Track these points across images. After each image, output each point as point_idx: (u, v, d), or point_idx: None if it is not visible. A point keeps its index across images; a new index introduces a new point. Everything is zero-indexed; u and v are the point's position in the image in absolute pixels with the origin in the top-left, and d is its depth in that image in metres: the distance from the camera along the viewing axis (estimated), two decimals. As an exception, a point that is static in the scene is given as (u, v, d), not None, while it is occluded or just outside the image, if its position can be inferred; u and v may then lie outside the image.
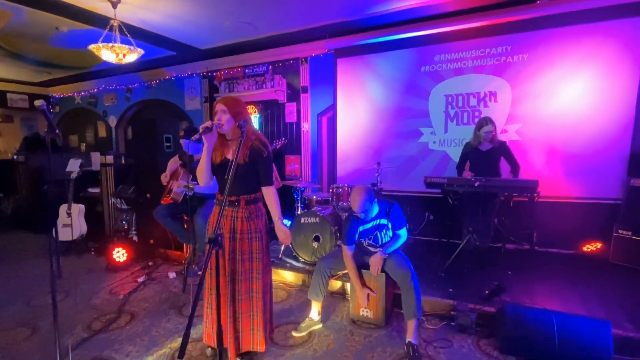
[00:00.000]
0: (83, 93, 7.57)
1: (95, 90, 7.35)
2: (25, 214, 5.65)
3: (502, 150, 3.42)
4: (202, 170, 1.90)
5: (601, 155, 3.65)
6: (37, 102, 1.70)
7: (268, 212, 2.05)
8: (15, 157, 5.88)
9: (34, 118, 8.06)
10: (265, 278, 2.04)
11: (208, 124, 1.76)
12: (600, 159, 3.66)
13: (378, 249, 2.59)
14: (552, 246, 3.86)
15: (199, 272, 3.20)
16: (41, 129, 8.11)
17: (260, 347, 2.02)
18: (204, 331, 2.11)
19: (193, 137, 1.69)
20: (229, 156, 1.93)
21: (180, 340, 2.44)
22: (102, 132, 7.74)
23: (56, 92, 7.95)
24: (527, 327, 2.14)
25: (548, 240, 3.84)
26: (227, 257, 1.89)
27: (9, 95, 7.45)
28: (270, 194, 1.97)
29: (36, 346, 2.43)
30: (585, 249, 3.71)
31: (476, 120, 3.65)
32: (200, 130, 1.73)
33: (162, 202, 3.37)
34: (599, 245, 3.66)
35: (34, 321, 2.77)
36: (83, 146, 8.16)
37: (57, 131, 1.78)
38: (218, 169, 1.93)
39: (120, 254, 3.84)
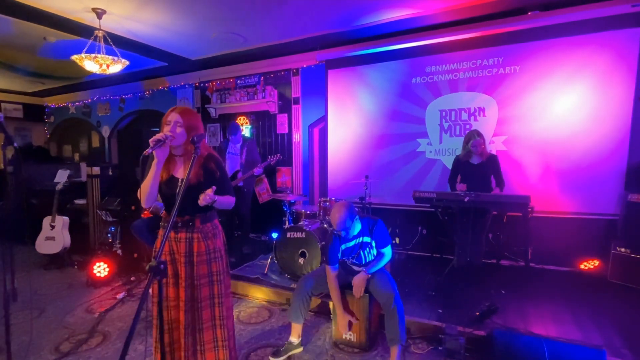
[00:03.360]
0: (77, 103, 7.56)
1: (89, 100, 7.33)
2: (11, 225, 5.54)
3: (492, 164, 3.33)
4: (147, 189, 1.65)
5: (597, 170, 3.54)
6: (-6, 114, 1.62)
7: (225, 229, 1.93)
8: (4, 167, 5.80)
9: (28, 128, 8.04)
10: (227, 301, 1.87)
11: (160, 136, 1.56)
12: (596, 173, 3.55)
13: (362, 268, 2.47)
14: (548, 263, 3.72)
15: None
16: (35, 139, 8.08)
17: None
18: None
19: (145, 152, 1.50)
20: (177, 174, 1.75)
21: (150, 364, 2.33)
22: (96, 143, 7.70)
23: (51, 102, 7.94)
24: (517, 355, 2.00)
25: (544, 256, 3.70)
26: (184, 284, 1.72)
27: (3, 105, 7.45)
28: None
29: (-1, 370, 2.30)
30: (582, 266, 3.57)
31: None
32: (152, 144, 1.53)
33: (142, 215, 3.27)
34: (596, 262, 3.52)
35: (0, 341, 2.63)
36: (77, 156, 8.11)
37: (14, 144, 1.69)
38: (165, 188, 1.74)
39: (101, 269, 3.72)
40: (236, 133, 4.30)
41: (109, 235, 4.42)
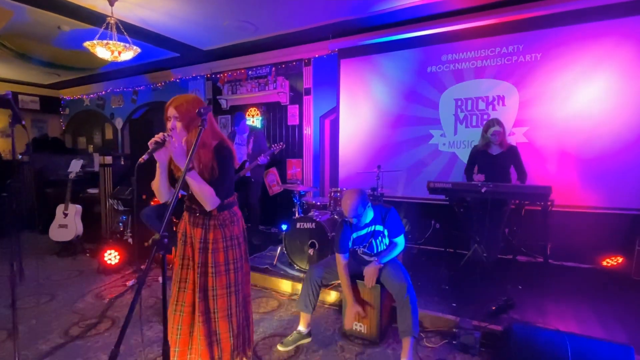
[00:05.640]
0: (92, 95, 7.66)
1: (103, 92, 7.42)
2: (27, 213, 5.65)
3: (512, 155, 3.19)
4: (157, 189, 1.65)
5: (621, 162, 3.37)
6: (2, 91, 1.60)
7: (246, 217, 1.85)
8: (20, 157, 5.91)
9: (44, 120, 8.18)
10: (246, 289, 1.84)
11: (159, 137, 1.44)
12: (620, 166, 3.38)
13: (373, 258, 2.39)
14: (568, 259, 3.57)
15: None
16: (50, 130, 8.23)
17: None
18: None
19: (140, 159, 1.39)
20: (190, 164, 1.61)
21: (157, 350, 2.30)
22: (109, 134, 7.79)
23: (66, 94, 8.06)
24: (537, 350, 1.90)
25: (563, 253, 3.55)
26: (199, 271, 1.67)
27: (20, 97, 7.60)
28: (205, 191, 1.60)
29: (9, 351, 2.30)
30: (604, 263, 3.41)
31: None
32: (150, 147, 1.42)
33: (152, 203, 3.25)
34: (620, 259, 3.36)
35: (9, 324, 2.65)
36: (91, 148, 8.22)
37: (22, 122, 1.67)
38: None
39: (112, 256, 3.73)
40: (239, 123, 4.24)
41: (120, 224, 4.44)
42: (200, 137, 1.53)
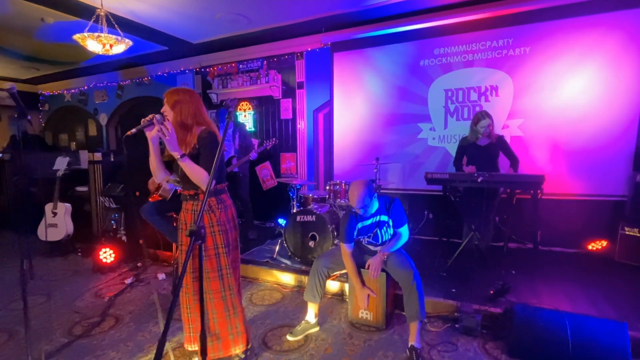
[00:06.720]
0: (73, 90, 7.38)
1: (85, 87, 7.16)
2: (10, 213, 5.44)
3: (500, 145, 3.31)
4: (151, 166, 1.86)
5: (606, 151, 3.55)
6: (7, 85, 1.56)
7: (240, 212, 1.96)
8: (1, 155, 5.67)
9: (22, 116, 7.84)
10: (236, 273, 1.93)
11: (149, 117, 1.63)
12: (604, 155, 3.55)
13: (378, 248, 2.45)
14: (556, 245, 3.74)
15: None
16: (29, 126, 7.90)
17: (241, 348, 1.94)
18: (186, 335, 1.97)
19: (129, 132, 1.57)
20: (184, 150, 1.78)
21: (167, 345, 2.30)
22: (93, 131, 7.55)
23: (45, 89, 7.75)
24: (538, 329, 2.01)
25: (551, 238, 3.72)
26: (190, 254, 1.81)
27: (-4, 93, 7.24)
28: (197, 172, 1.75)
29: (11, 352, 2.25)
30: (590, 247, 3.60)
31: (477, 115, 3.53)
32: (141, 124, 1.62)
33: (150, 199, 3.20)
34: (604, 243, 3.55)
35: (12, 326, 2.59)
36: (73, 145, 7.95)
37: (28, 117, 1.63)
38: (176, 165, 1.81)
39: (107, 255, 3.67)
40: (225, 118, 4.20)
41: (112, 222, 4.35)
42: (181, 116, 1.76)
